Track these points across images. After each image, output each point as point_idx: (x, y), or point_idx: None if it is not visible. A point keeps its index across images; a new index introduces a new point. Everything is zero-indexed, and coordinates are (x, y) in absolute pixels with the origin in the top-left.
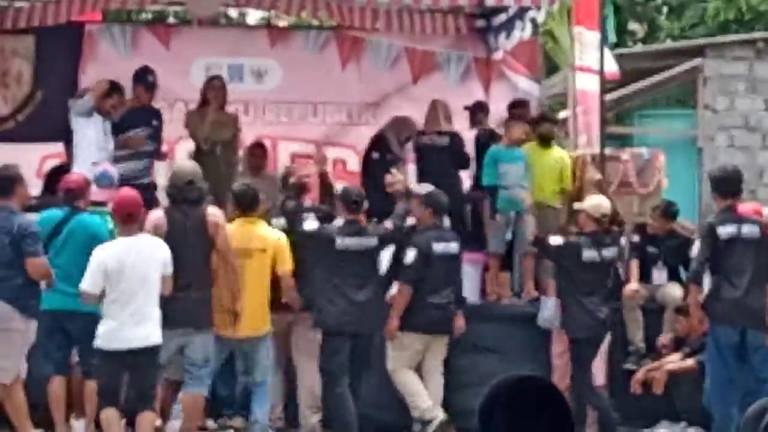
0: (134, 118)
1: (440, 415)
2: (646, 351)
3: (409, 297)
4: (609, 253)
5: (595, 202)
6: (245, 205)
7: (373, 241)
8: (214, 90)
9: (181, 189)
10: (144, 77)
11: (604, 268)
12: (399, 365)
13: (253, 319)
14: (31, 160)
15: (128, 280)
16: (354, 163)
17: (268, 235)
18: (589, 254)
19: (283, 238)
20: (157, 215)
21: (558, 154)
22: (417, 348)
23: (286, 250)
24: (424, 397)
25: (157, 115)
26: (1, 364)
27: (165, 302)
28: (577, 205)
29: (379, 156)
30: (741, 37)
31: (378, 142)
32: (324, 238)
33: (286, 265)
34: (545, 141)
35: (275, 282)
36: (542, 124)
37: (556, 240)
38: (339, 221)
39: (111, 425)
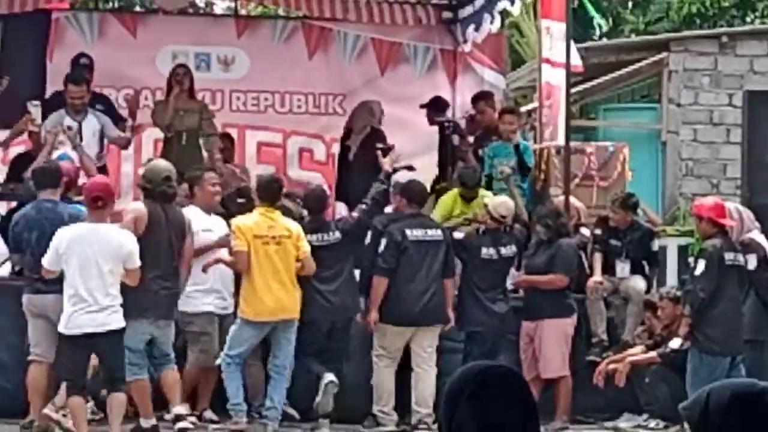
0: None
1: (391, 426)
2: (608, 343)
3: (383, 287)
4: (507, 251)
5: (498, 201)
6: (271, 196)
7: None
8: (177, 77)
9: (159, 184)
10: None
11: (502, 265)
12: (381, 357)
13: (288, 302)
14: None
15: (78, 266)
16: (321, 153)
17: (290, 223)
18: (487, 252)
19: (298, 226)
20: (138, 207)
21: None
22: (399, 342)
23: (303, 236)
24: (388, 400)
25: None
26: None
27: (138, 292)
28: (485, 201)
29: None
30: (705, 32)
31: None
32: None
33: (307, 248)
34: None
35: None
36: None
37: (458, 234)
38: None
39: (77, 413)
